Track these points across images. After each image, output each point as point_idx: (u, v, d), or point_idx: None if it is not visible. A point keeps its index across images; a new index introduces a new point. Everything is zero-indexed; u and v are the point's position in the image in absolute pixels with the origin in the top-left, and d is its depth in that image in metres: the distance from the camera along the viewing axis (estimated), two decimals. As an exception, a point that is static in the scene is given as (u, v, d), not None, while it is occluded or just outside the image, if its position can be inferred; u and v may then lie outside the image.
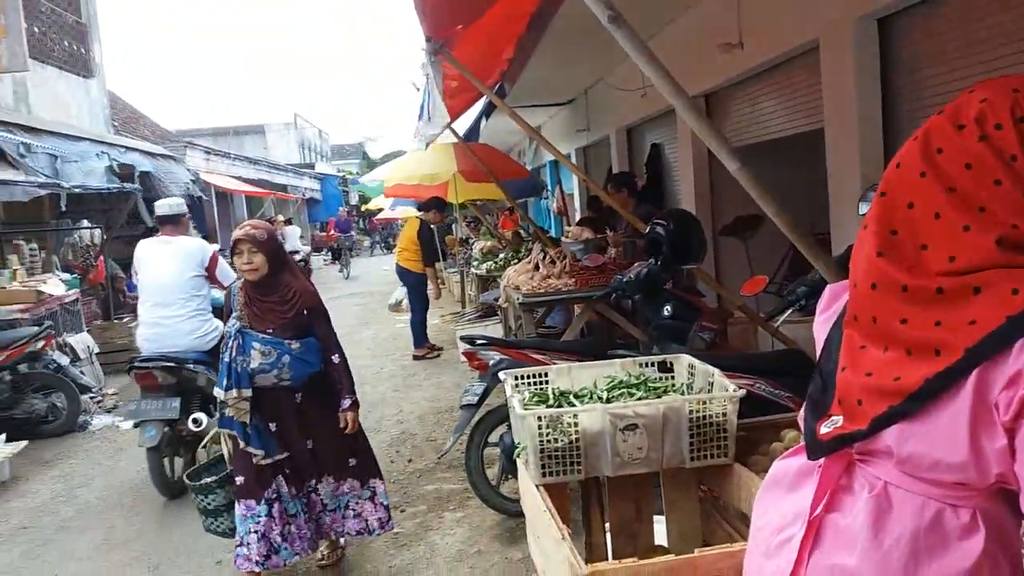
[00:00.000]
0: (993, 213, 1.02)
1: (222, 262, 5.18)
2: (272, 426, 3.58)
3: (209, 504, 3.77)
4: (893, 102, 4.39)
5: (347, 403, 3.68)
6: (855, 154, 4.48)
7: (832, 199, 4.82)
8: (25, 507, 5.21)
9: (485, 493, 4.22)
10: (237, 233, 3.55)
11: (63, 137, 9.77)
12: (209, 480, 3.76)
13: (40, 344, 6.94)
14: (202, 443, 3.92)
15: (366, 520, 3.79)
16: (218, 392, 3.53)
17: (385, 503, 3.84)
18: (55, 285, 8.37)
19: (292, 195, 25.16)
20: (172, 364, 4.91)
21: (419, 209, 10.14)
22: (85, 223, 11.09)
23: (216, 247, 5.45)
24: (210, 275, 5.12)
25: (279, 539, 3.53)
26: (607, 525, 2.61)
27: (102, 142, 10.73)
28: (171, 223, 5.25)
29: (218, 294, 5.10)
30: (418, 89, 8.52)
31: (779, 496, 1.31)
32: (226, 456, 3.74)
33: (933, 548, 1.06)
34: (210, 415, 4.77)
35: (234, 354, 3.47)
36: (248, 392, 3.48)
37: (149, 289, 5.05)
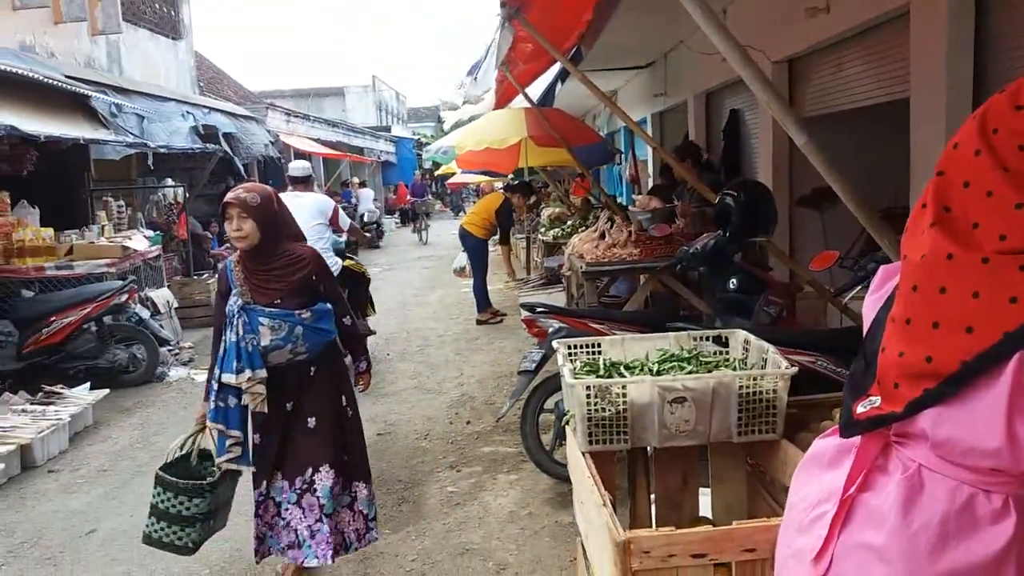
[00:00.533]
0: None
1: (341, 212, 6.56)
2: (288, 406, 3.24)
3: (185, 509, 3.16)
4: (984, 72, 4.15)
5: (363, 365, 3.52)
6: (941, 125, 4.25)
7: (914, 172, 4.60)
8: (105, 451, 5.52)
9: (539, 457, 4.26)
10: (227, 196, 3.17)
11: (151, 98, 10.14)
12: (202, 483, 3.20)
13: (124, 297, 7.28)
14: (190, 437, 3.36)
15: (342, 532, 3.33)
16: (227, 377, 3.09)
17: (366, 512, 3.40)
18: (139, 241, 8.74)
19: (368, 158, 25.53)
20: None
21: (505, 189, 10.19)
22: (169, 181, 11.52)
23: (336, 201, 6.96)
24: (332, 223, 6.34)
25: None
26: (652, 495, 2.60)
27: (187, 102, 11.09)
28: (302, 182, 6.50)
29: (339, 238, 6.67)
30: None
31: (816, 473, 1.33)
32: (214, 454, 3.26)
33: (962, 531, 1.06)
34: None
35: (241, 333, 3.08)
36: (263, 373, 3.11)
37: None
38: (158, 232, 9.97)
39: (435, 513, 4.15)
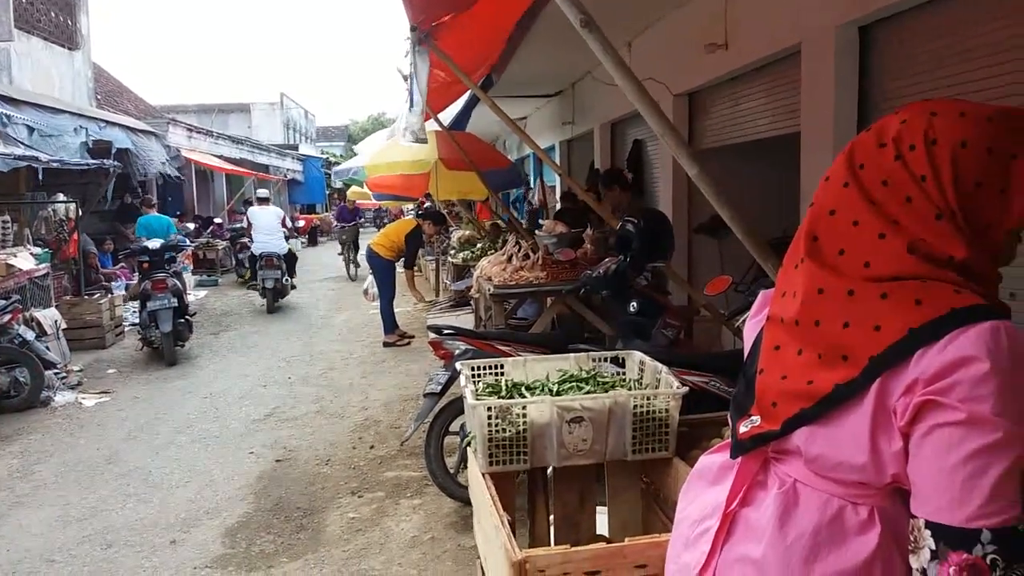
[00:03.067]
0: (905, 227, 1.07)
1: (287, 219, 13.26)
2: None
3: None
4: (867, 109, 4.44)
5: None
6: (828, 157, 4.51)
7: (803, 203, 4.86)
8: (-19, 481, 5.16)
9: (443, 481, 4.23)
10: None
11: (43, 109, 9.63)
12: None
13: (6, 318, 6.86)
14: None
15: None
16: None
17: None
18: (25, 259, 8.26)
19: (274, 176, 24.97)
20: (275, 255, 11.84)
21: (418, 216, 10.18)
22: (61, 197, 10.95)
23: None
24: (283, 224, 12.66)
25: None
26: (552, 515, 2.62)
27: (81, 115, 10.59)
28: (265, 200, 12.74)
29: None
30: (405, 78, 8.48)
31: (701, 489, 1.38)
32: None
33: (832, 542, 1.11)
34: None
35: None
36: None
37: (263, 228, 12.10)
38: (46, 249, 9.45)
39: (335, 540, 4.06)
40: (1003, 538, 0.97)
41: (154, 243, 9.10)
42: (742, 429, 1.26)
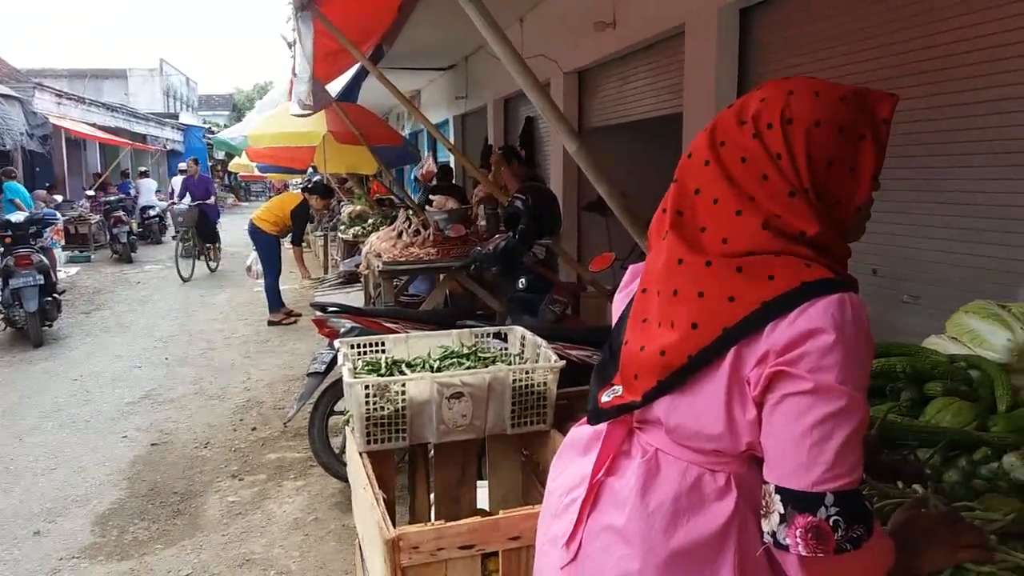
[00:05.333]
0: (760, 203, 1.09)
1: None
2: None
3: None
4: (747, 90, 4.57)
5: None
6: (708, 138, 4.64)
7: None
8: None
9: (327, 461, 4.14)
10: None
11: None
12: None
13: None
14: None
15: None
16: None
17: None
18: None
19: (152, 146, 23.65)
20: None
21: (304, 190, 9.81)
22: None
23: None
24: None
25: None
26: (433, 492, 2.61)
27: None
28: (184, 172, 11.10)
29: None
30: (289, 45, 8.14)
31: (571, 460, 1.39)
32: None
33: (692, 508, 1.15)
34: None
35: None
36: None
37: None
38: None
39: (214, 525, 3.91)
40: (844, 500, 1.01)
41: (17, 216, 8.44)
42: (604, 398, 1.29)
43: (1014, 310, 2.09)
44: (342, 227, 9.77)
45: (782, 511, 1.04)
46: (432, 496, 2.58)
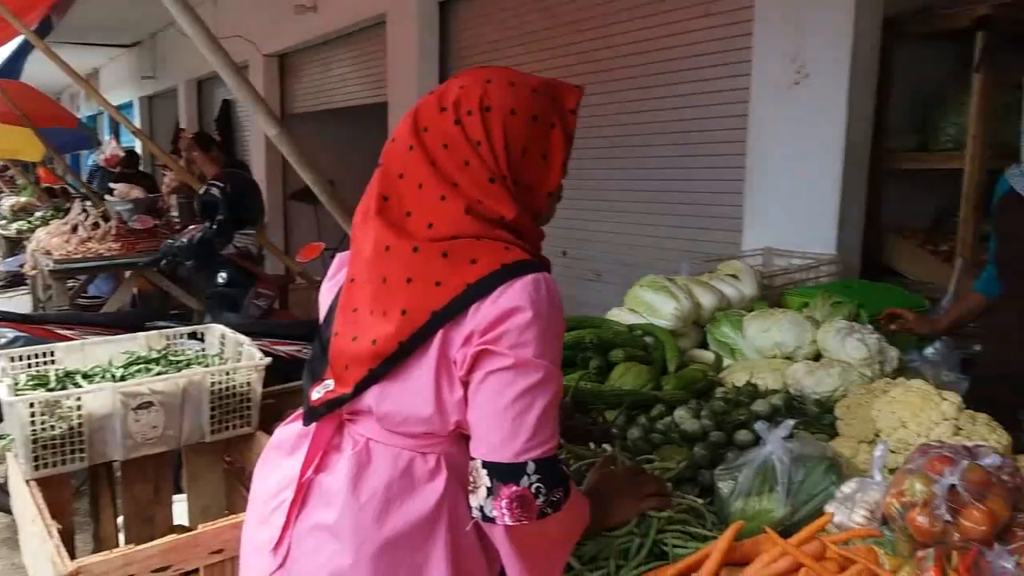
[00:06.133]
0: (463, 189, 1.11)
1: None
2: None
3: None
4: (448, 77, 4.72)
5: None
6: (412, 128, 4.70)
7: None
8: None
9: (-11, 495, 3.53)
10: None
11: None
12: None
13: None
14: None
15: None
16: None
17: None
18: None
19: None
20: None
21: None
22: None
23: None
24: None
25: None
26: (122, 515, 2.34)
27: None
28: None
29: None
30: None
31: (277, 461, 1.32)
32: None
33: (403, 494, 1.14)
34: None
35: None
36: None
37: None
38: None
39: None
40: (544, 467, 1.06)
41: None
42: (315, 395, 1.24)
43: (679, 282, 2.37)
44: (2, 222, 8.45)
45: (489, 485, 1.06)
46: (120, 519, 2.31)
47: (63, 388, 2.17)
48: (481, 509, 1.08)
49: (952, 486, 1.15)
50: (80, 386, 2.16)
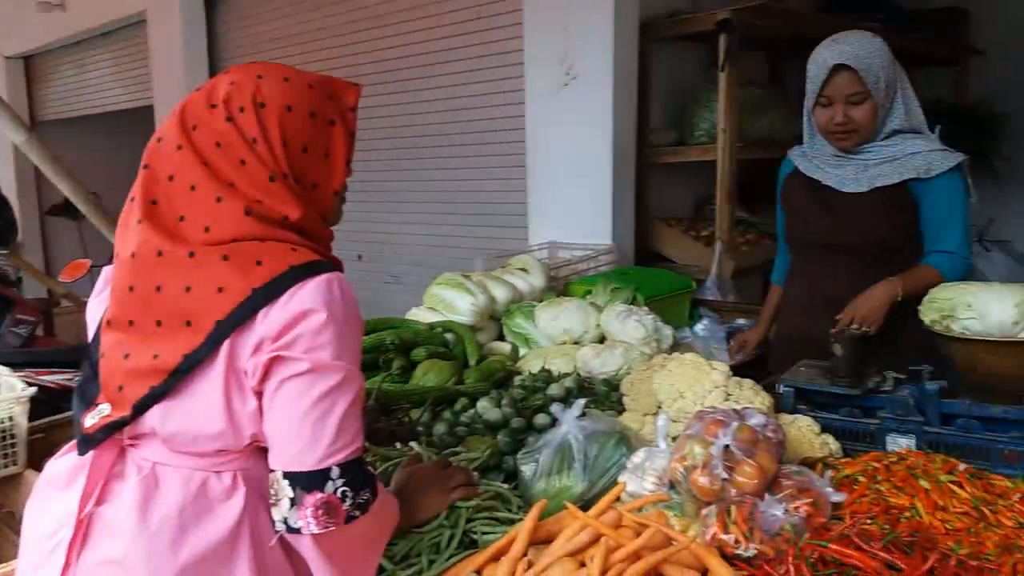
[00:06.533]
0: (241, 189, 1.07)
1: None
2: None
3: None
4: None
5: None
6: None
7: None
8: None
9: None
10: None
11: None
12: None
13: None
14: None
15: None
16: None
17: None
18: None
19: None
20: None
21: None
22: None
23: None
24: None
25: None
26: None
27: None
28: None
29: None
30: None
31: (50, 499, 1.21)
32: None
33: (199, 516, 1.08)
34: None
35: None
36: None
37: None
38: None
39: None
40: (349, 470, 1.05)
41: None
42: (88, 421, 1.14)
43: (474, 278, 2.44)
44: None
45: (291, 495, 1.04)
46: None
47: None
48: (285, 521, 1.05)
49: (726, 446, 1.28)
50: None
